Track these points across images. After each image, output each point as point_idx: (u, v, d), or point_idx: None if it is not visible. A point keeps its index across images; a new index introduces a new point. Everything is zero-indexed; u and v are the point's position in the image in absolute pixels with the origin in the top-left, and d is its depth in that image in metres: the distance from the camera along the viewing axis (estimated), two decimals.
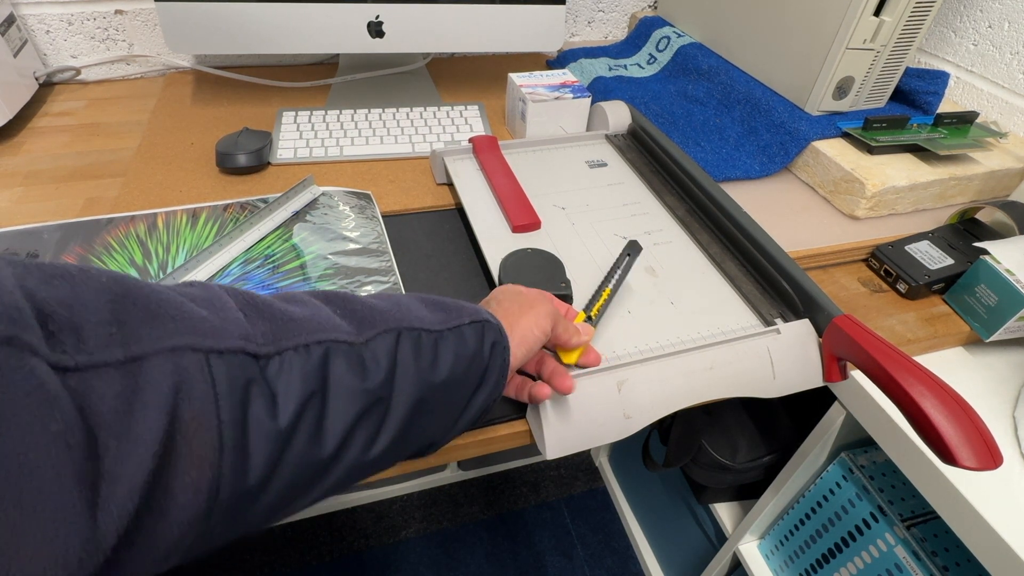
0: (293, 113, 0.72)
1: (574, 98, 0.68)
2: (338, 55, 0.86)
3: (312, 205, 0.58)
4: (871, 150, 0.64)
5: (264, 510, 0.24)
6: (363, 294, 0.49)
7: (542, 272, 0.48)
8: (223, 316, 0.23)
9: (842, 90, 0.67)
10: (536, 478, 1.31)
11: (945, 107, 0.75)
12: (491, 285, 0.51)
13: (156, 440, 0.19)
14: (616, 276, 0.46)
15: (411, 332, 0.30)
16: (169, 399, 0.20)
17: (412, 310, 0.32)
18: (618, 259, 0.48)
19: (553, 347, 0.41)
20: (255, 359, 0.23)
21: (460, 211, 0.60)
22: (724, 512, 0.80)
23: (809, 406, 0.60)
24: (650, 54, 0.89)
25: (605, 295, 0.45)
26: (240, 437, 0.22)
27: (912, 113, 0.71)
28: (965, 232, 0.58)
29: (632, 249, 0.48)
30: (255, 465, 0.22)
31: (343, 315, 0.28)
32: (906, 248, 0.56)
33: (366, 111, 0.73)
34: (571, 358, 0.40)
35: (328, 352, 0.26)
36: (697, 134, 0.71)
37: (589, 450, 1.26)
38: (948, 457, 0.34)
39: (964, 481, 0.42)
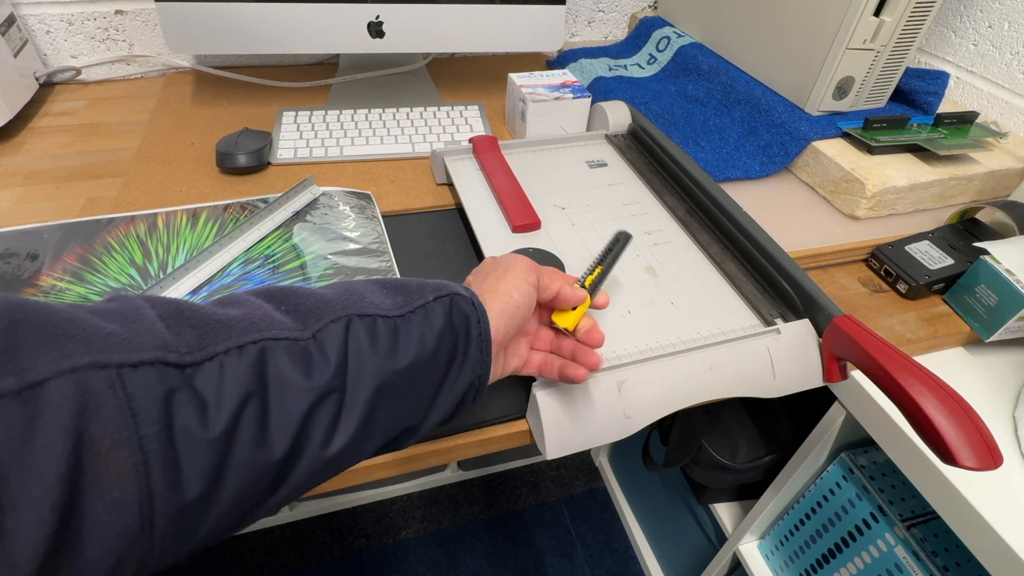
0: (293, 113, 0.72)
1: (574, 98, 0.68)
2: (338, 55, 0.86)
3: (312, 205, 0.58)
4: (871, 150, 0.64)
5: (219, 520, 0.23)
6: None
7: None
8: (136, 328, 0.22)
9: (842, 90, 0.67)
10: (536, 478, 1.31)
11: (945, 107, 0.75)
12: None
13: (60, 464, 0.19)
14: (608, 258, 0.43)
15: (364, 319, 0.29)
16: (72, 421, 0.19)
17: (366, 296, 0.30)
18: (609, 245, 0.45)
19: (549, 313, 0.39)
20: (179, 368, 0.23)
21: (460, 211, 0.60)
22: (724, 512, 0.80)
23: (809, 406, 0.60)
24: (650, 54, 0.89)
25: (598, 271, 0.42)
26: (167, 450, 0.21)
27: (912, 113, 0.71)
28: (965, 232, 0.58)
29: (621, 237, 0.45)
30: (191, 477, 0.22)
31: (287, 311, 0.28)
32: (906, 248, 0.56)
33: (366, 111, 0.73)
34: (566, 321, 0.37)
35: (264, 351, 0.25)
36: (697, 134, 0.71)
37: (589, 450, 1.26)
38: (948, 457, 0.34)
39: (964, 481, 0.42)
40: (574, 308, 0.38)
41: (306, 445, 0.26)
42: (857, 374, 0.48)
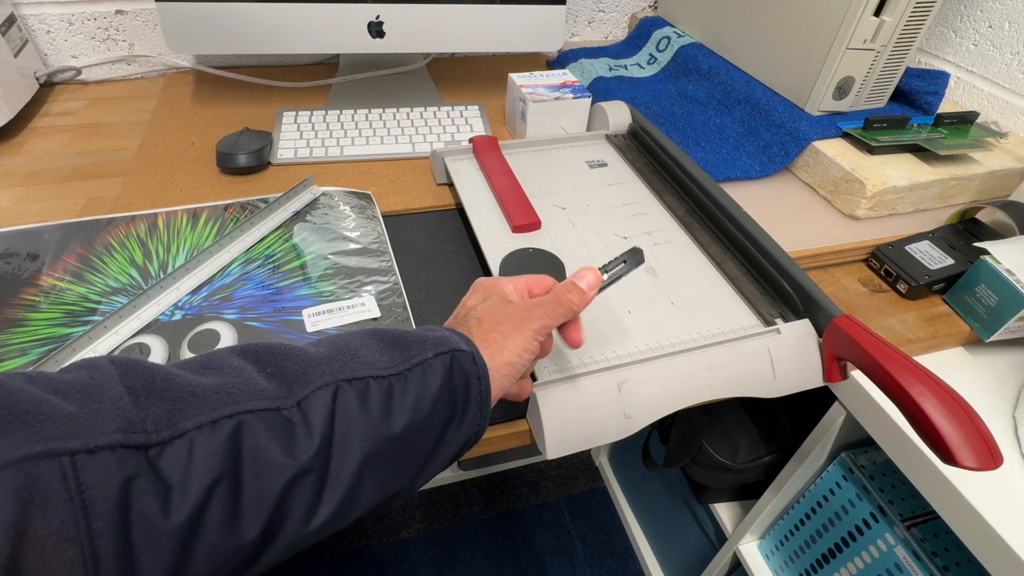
0: (293, 113, 0.72)
1: (574, 98, 0.68)
2: (338, 55, 0.86)
3: (312, 205, 0.58)
4: (871, 150, 0.64)
5: None
6: (364, 292, 0.49)
7: (542, 272, 0.48)
8: (97, 408, 0.21)
9: (842, 90, 0.67)
10: (536, 478, 1.31)
11: (945, 107, 0.75)
12: None
13: None
14: (607, 276, 0.39)
15: (356, 382, 0.27)
16: (13, 519, 0.18)
17: (360, 354, 0.29)
18: (614, 260, 0.40)
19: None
20: (141, 450, 0.21)
21: (460, 211, 0.60)
22: (724, 512, 0.80)
23: (809, 406, 0.60)
24: (650, 54, 0.89)
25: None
26: (121, 544, 0.20)
27: (912, 113, 0.71)
28: (965, 232, 0.58)
29: (631, 257, 0.40)
30: (148, 569, 0.20)
31: (272, 374, 0.26)
32: (906, 248, 0.56)
33: (366, 111, 0.73)
34: None
35: (240, 425, 0.23)
36: (697, 134, 0.71)
37: (589, 450, 1.26)
38: (948, 457, 0.34)
39: (964, 481, 0.42)
40: None
41: (283, 524, 0.24)
42: (857, 374, 0.48)
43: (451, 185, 0.63)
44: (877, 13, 0.61)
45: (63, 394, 0.21)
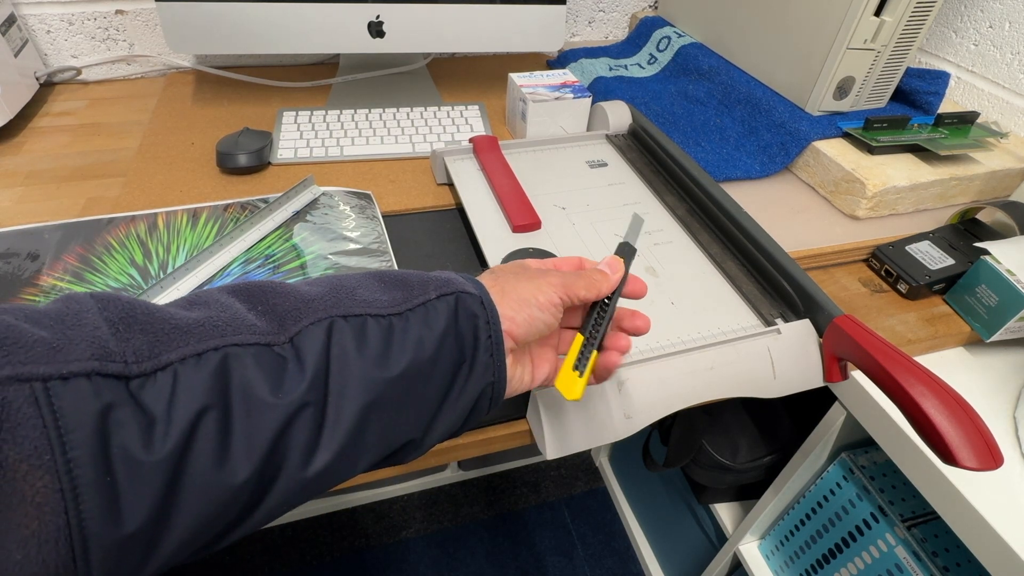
0: (293, 113, 0.72)
1: (574, 98, 0.68)
2: (339, 55, 0.86)
3: (312, 205, 0.58)
4: (872, 150, 0.64)
5: (180, 546, 0.21)
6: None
7: None
8: (72, 335, 0.20)
9: (843, 90, 0.67)
10: (536, 478, 1.31)
11: (946, 107, 0.75)
12: None
13: None
14: (592, 322, 0.34)
15: (352, 320, 0.26)
16: None
17: (358, 293, 0.27)
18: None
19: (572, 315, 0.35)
20: (121, 380, 0.20)
21: (460, 211, 0.60)
22: (724, 512, 0.80)
23: (809, 406, 0.60)
24: (651, 54, 0.89)
25: (577, 344, 0.33)
26: (102, 475, 0.19)
27: (913, 113, 0.71)
28: (966, 232, 0.58)
29: (624, 251, 0.37)
30: (133, 504, 0.20)
31: (263, 311, 0.25)
32: (907, 248, 0.56)
33: (366, 111, 0.73)
34: (573, 391, 0.32)
35: (227, 359, 0.22)
36: (697, 134, 0.71)
37: (589, 450, 1.26)
38: (948, 457, 0.34)
39: (964, 481, 0.42)
40: (581, 373, 0.32)
41: (282, 464, 0.23)
42: (857, 374, 0.48)
43: (451, 185, 0.63)
44: (877, 13, 0.61)
45: (35, 322, 0.20)
